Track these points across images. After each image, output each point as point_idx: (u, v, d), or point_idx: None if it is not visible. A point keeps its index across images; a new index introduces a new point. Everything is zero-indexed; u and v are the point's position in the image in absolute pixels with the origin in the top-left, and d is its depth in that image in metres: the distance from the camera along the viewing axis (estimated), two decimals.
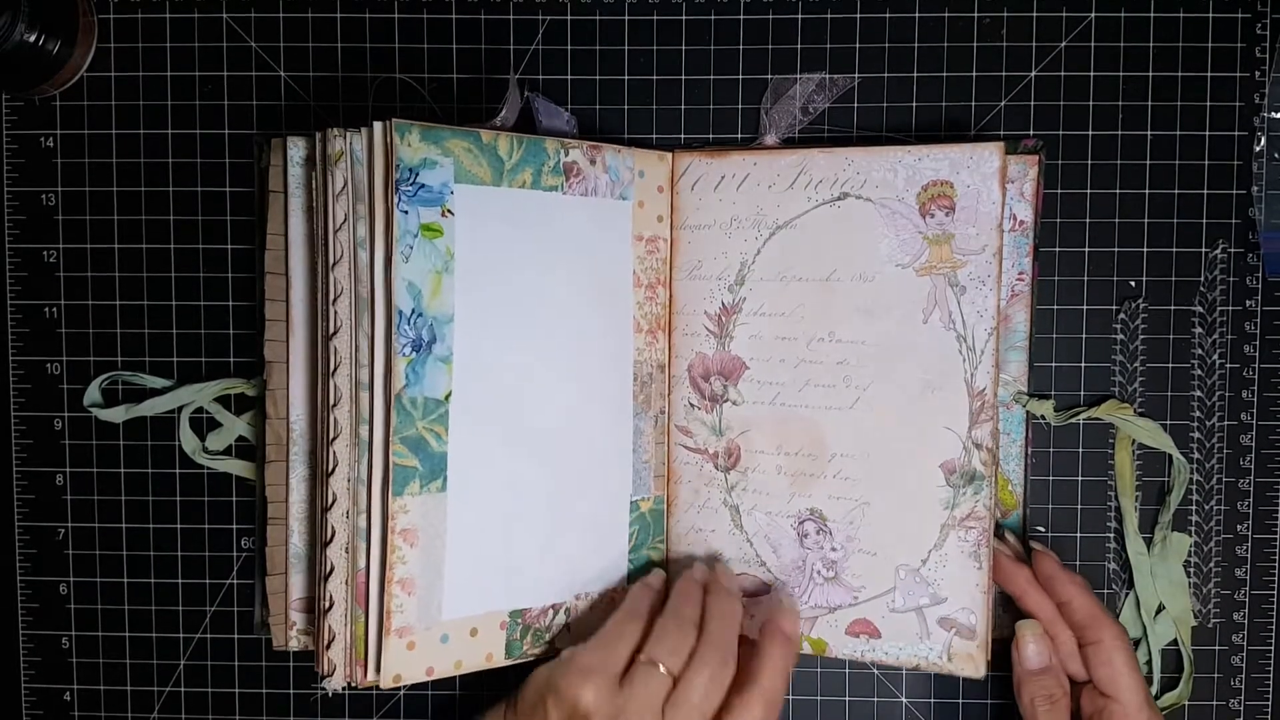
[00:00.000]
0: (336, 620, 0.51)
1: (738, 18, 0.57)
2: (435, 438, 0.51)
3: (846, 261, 0.54)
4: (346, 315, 0.50)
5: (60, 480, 0.59)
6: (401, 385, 0.50)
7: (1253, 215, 0.57)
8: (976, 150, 0.52)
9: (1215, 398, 0.57)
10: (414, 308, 0.50)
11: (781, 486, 0.56)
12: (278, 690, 0.59)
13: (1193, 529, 0.58)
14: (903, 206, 0.53)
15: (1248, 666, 0.58)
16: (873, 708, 0.59)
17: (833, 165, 0.55)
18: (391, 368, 0.50)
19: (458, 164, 0.51)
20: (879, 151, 0.54)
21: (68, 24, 0.55)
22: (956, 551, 0.53)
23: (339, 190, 0.50)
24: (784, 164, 0.55)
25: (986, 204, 0.52)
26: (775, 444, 0.56)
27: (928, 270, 0.53)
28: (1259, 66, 0.57)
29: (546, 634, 0.55)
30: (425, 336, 0.50)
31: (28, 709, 0.60)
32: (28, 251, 0.59)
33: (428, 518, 0.51)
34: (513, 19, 0.58)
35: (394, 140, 0.49)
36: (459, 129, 0.51)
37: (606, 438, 0.56)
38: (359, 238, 0.50)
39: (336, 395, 0.51)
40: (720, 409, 0.57)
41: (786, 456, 0.56)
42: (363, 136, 0.50)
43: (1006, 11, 0.57)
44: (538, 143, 0.53)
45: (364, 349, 0.50)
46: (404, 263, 0.50)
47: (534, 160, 0.53)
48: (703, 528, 0.57)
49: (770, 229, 0.56)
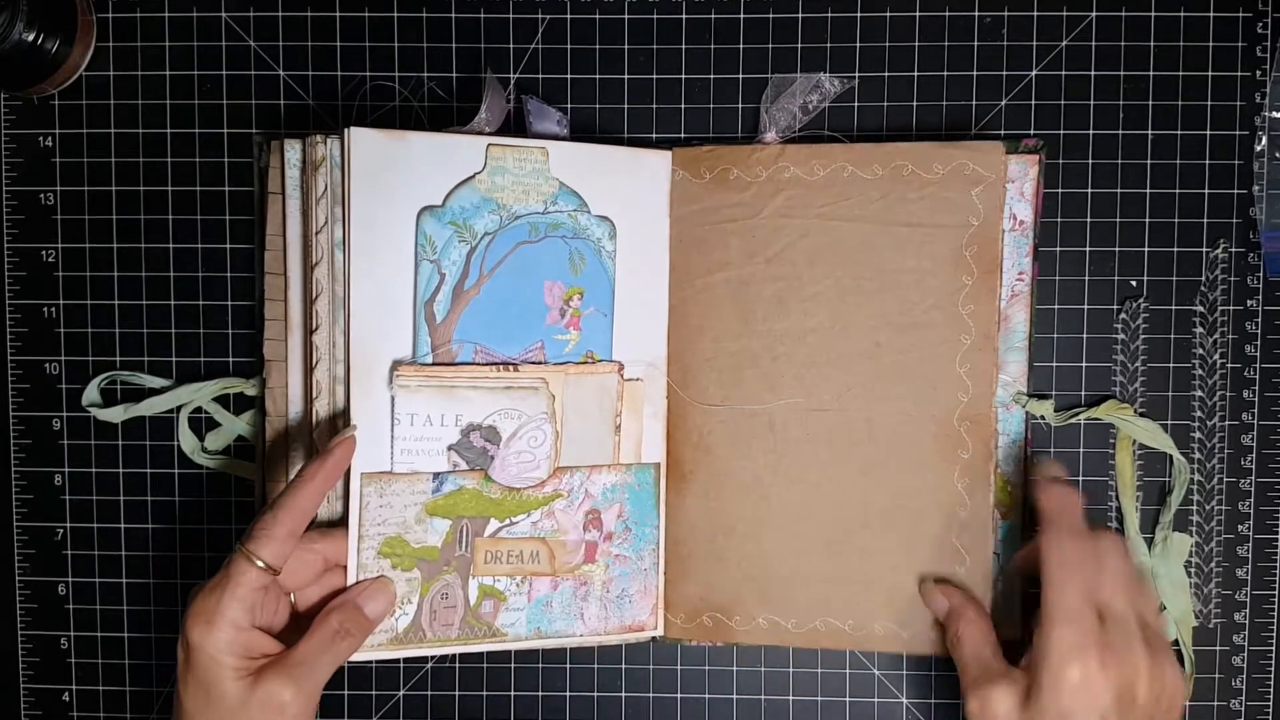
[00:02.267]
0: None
1: (738, 17, 0.57)
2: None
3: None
4: (326, 313, 0.52)
5: (59, 480, 0.59)
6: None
7: (1254, 215, 0.57)
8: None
9: (1216, 398, 0.57)
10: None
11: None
12: None
13: (1194, 529, 0.58)
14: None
15: (1249, 667, 0.58)
16: (873, 708, 0.59)
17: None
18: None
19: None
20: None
21: (66, 23, 0.55)
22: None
23: (320, 194, 0.51)
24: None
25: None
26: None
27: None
28: (1260, 66, 0.57)
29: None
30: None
31: (26, 709, 0.60)
32: (26, 251, 0.59)
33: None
34: (512, 18, 0.58)
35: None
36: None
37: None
38: (336, 240, 0.51)
39: (318, 389, 0.52)
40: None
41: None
42: (339, 142, 0.51)
43: (1007, 11, 0.57)
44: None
45: (340, 345, 0.52)
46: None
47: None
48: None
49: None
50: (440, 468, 0.52)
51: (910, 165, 0.55)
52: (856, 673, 0.59)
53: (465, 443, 0.51)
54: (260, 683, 0.46)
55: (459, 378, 0.50)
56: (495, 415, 0.51)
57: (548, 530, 0.55)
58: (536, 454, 0.52)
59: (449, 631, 0.53)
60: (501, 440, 0.52)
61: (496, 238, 0.53)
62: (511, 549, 0.54)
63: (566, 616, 0.56)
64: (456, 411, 0.51)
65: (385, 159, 0.50)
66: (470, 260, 0.52)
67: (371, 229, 0.51)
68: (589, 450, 0.54)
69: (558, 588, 0.55)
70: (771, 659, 0.59)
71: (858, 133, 0.57)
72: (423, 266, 0.52)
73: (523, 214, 0.53)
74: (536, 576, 0.55)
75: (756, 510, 0.57)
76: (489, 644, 0.54)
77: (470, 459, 0.52)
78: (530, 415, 0.52)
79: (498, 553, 0.54)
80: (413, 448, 0.51)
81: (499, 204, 0.53)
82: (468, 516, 0.53)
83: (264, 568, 0.47)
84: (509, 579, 0.54)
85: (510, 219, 0.53)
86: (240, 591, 0.47)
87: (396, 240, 0.51)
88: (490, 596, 0.54)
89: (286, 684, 0.47)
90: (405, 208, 0.51)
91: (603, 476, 0.55)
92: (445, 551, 0.53)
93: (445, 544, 0.53)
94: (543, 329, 0.54)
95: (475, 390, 0.51)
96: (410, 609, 0.52)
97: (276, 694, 0.46)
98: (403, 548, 0.52)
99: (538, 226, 0.53)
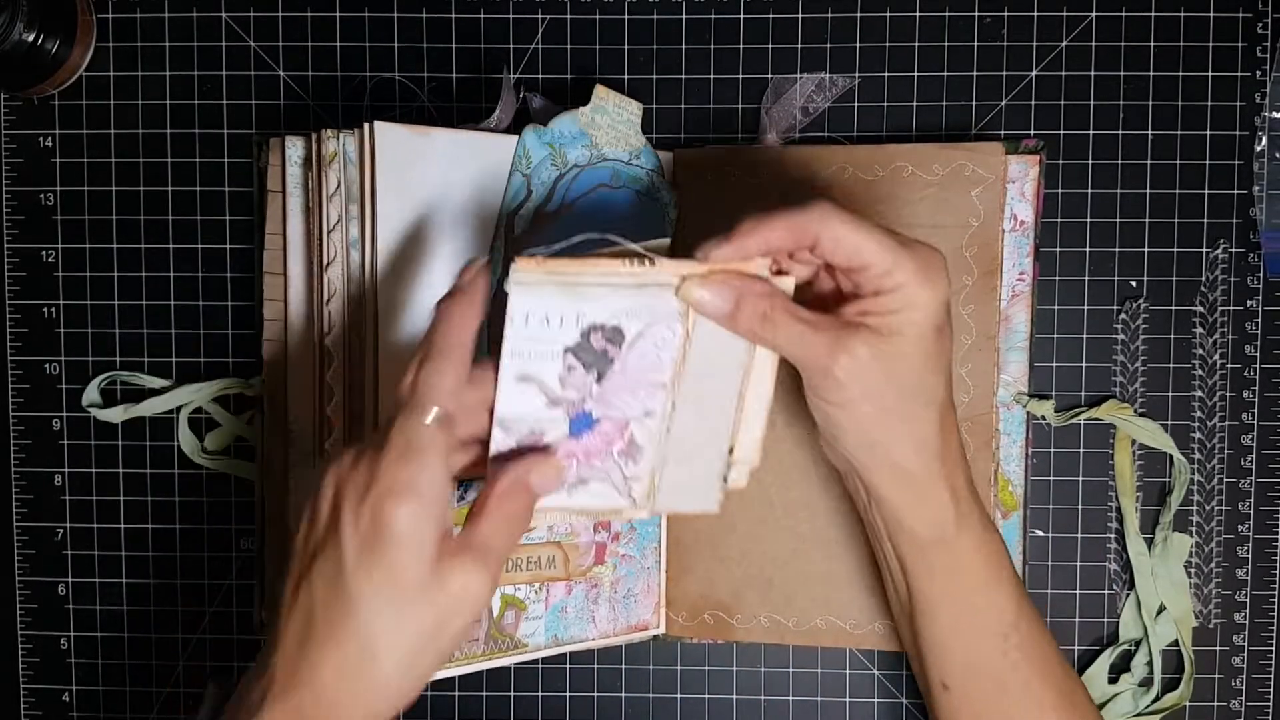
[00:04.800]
0: None
1: (738, 17, 0.57)
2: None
3: None
4: (340, 315, 0.51)
5: (59, 480, 0.59)
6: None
7: (1254, 215, 0.57)
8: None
9: (1216, 398, 0.57)
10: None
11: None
12: None
13: (1194, 529, 0.58)
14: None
15: (1249, 667, 0.58)
16: (873, 708, 0.59)
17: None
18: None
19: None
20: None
21: (66, 23, 0.55)
22: None
23: (332, 191, 0.50)
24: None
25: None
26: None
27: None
28: (1260, 66, 0.57)
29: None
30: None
31: (26, 709, 0.60)
32: (26, 251, 0.59)
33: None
34: (512, 18, 0.58)
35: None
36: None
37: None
38: (352, 239, 0.50)
39: (329, 393, 0.51)
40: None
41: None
42: (355, 137, 0.50)
43: (1007, 11, 0.57)
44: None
45: (356, 349, 0.51)
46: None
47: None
48: None
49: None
50: (555, 372, 0.45)
51: (910, 166, 0.55)
52: (856, 673, 0.59)
53: (584, 344, 0.45)
54: (449, 570, 0.40)
55: (587, 273, 0.43)
56: (622, 315, 0.44)
57: (562, 534, 0.55)
58: (662, 356, 0.46)
59: (475, 647, 0.53)
60: (625, 341, 0.45)
61: (584, 173, 0.53)
62: (530, 555, 0.54)
63: (580, 621, 0.56)
64: (578, 310, 0.44)
65: (409, 155, 0.50)
66: (557, 185, 0.52)
67: (397, 225, 0.50)
68: (715, 362, 0.46)
69: (571, 592, 0.55)
70: (771, 659, 0.59)
71: (858, 134, 0.57)
72: (514, 178, 0.52)
73: (610, 158, 0.53)
74: (553, 582, 0.55)
75: (757, 509, 0.57)
76: (513, 657, 0.54)
77: (589, 361, 0.45)
78: (661, 314, 0.44)
79: (517, 560, 0.54)
80: (524, 349, 0.44)
81: (592, 141, 0.53)
82: None
83: (442, 423, 0.41)
84: (528, 586, 0.54)
85: (598, 159, 0.53)
86: (434, 458, 0.40)
87: (422, 234, 0.50)
88: (512, 606, 0.54)
89: (479, 572, 0.41)
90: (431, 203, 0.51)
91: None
92: None
93: None
94: None
95: (603, 288, 0.43)
96: None
97: (468, 583, 0.41)
98: None
99: (619, 174, 0.54)
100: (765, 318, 0.43)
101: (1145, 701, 0.57)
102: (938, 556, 0.47)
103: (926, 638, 0.49)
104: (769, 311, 0.43)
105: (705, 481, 0.48)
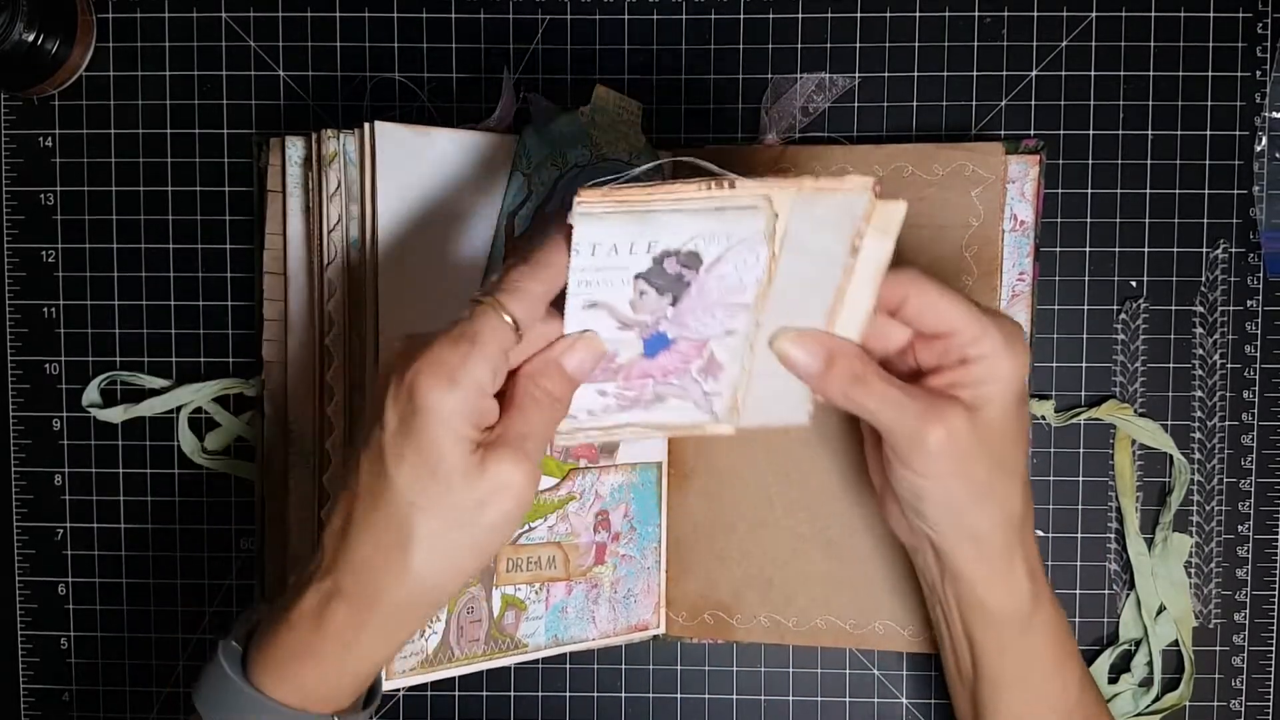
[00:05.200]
0: None
1: (738, 17, 0.57)
2: None
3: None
4: (340, 315, 0.51)
5: (59, 480, 0.59)
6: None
7: (1254, 215, 0.57)
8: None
9: (1216, 398, 0.57)
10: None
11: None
12: None
13: (1194, 529, 0.58)
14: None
15: (1249, 667, 0.58)
16: (873, 708, 0.59)
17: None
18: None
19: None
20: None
21: (66, 23, 0.55)
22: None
23: (332, 191, 0.50)
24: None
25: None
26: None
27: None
28: (1260, 66, 0.57)
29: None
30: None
31: (26, 709, 0.60)
32: (26, 251, 0.59)
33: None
34: (512, 18, 0.58)
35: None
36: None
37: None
38: (352, 239, 0.50)
39: (330, 394, 0.51)
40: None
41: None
42: (355, 137, 0.50)
43: (1007, 11, 0.57)
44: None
45: (356, 348, 0.50)
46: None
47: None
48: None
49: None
50: (625, 298, 0.43)
51: (910, 166, 0.55)
52: (856, 673, 0.59)
53: (658, 270, 0.42)
54: (489, 461, 0.40)
55: (657, 199, 0.40)
56: (698, 239, 0.42)
57: (562, 534, 0.55)
58: (745, 278, 0.42)
59: (475, 648, 0.53)
60: (703, 265, 0.42)
61: (584, 172, 0.53)
62: (530, 555, 0.54)
63: (580, 621, 0.56)
64: (650, 238, 0.42)
65: (410, 155, 0.50)
66: (557, 186, 0.52)
67: (398, 225, 0.50)
68: (809, 273, 0.43)
69: (571, 592, 0.55)
70: (771, 659, 0.59)
71: (858, 134, 0.57)
72: (515, 178, 0.52)
73: (610, 158, 0.53)
74: (553, 582, 0.55)
75: (757, 509, 0.57)
76: (514, 657, 0.54)
77: (663, 285, 0.43)
78: (743, 236, 0.41)
79: (518, 560, 0.54)
80: (592, 279, 0.42)
81: (592, 141, 0.53)
82: None
83: (513, 326, 0.40)
84: (529, 586, 0.54)
85: (598, 159, 0.53)
86: (489, 350, 0.39)
87: (423, 234, 0.50)
88: (512, 606, 0.54)
89: (518, 463, 0.40)
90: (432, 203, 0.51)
91: (610, 477, 0.56)
92: None
93: None
94: None
95: (677, 214, 0.41)
96: (439, 627, 0.52)
97: (508, 474, 0.40)
98: None
99: (620, 176, 0.53)
100: (858, 380, 0.43)
101: (1145, 701, 0.57)
102: (1011, 634, 0.47)
103: (990, 712, 0.49)
104: (862, 374, 0.43)
105: (795, 393, 0.46)
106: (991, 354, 0.43)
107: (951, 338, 0.43)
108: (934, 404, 0.43)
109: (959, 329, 0.43)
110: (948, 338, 0.43)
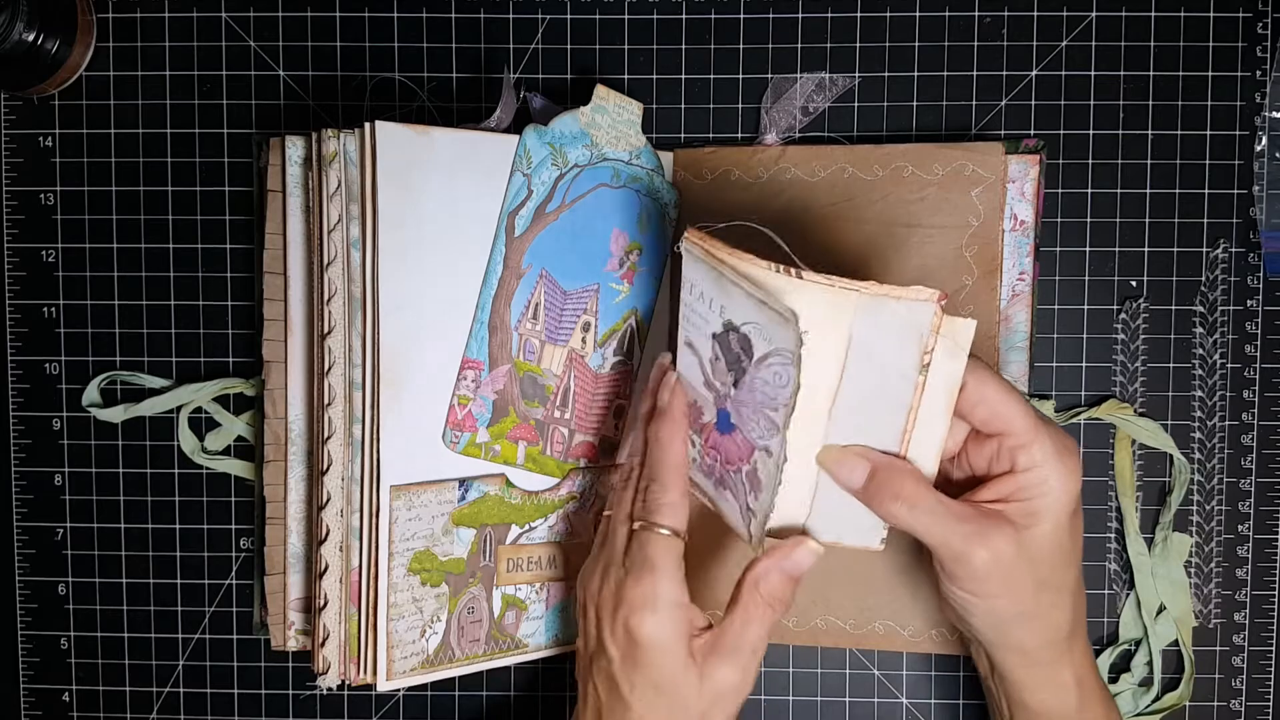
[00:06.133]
0: (330, 618, 0.51)
1: (738, 17, 0.57)
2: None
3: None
4: (340, 315, 0.50)
5: (59, 480, 0.59)
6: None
7: (1254, 215, 0.57)
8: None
9: (1216, 398, 0.57)
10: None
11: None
12: (276, 691, 0.59)
13: (1194, 529, 0.58)
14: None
15: (1249, 667, 0.58)
16: (873, 709, 0.59)
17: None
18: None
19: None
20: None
21: (66, 23, 0.55)
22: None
23: (333, 191, 0.50)
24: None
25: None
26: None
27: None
28: (1260, 66, 0.57)
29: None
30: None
31: (26, 709, 0.60)
32: (26, 251, 0.59)
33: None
34: (512, 18, 0.58)
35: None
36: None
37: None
38: (352, 238, 0.50)
39: (330, 395, 0.51)
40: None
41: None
42: (355, 137, 0.50)
43: (1007, 11, 0.57)
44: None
45: (357, 349, 0.50)
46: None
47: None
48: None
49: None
50: (706, 354, 0.43)
51: (910, 166, 0.55)
52: (856, 673, 0.59)
53: (725, 339, 0.42)
54: (709, 667, 0.44)
55: (727, 264, 0.39)
56: (751, 325, 0.41)
57: (562, 534, 0.55)
58: (779, 394, 0.41)
59: (476, 648, 0.53)
60: (754, 356, 0.41)
61: (584, 172, 0.53)
62: (531, 555, 0.54)
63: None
64: (722, 302, 0.41)
65: (410, 154, 0.50)
66: (557, 185, 0.53)
67: (399, 225, 0.50)
68: (877, 411, 0.42)
69: (571, 592, 0.55)
70: (771, 659, 0.59)
71: (858, 134, 0.57)
72: (515, 178, 0.52)
73: (610, 157, 0.54)
74: (553, 582, 0.55)
75: None
76: (514, 656, 0.54)
77: (728, 360, 0.42)
78: (780, 343, 0.40)
79: (519, 560, 0.54)
80: (689, 318, 0.44)
81: (593, 140, 0.53)
82: (491, 525, 0.53)
83: (674, 534, 0.45)
84: (529, 587, 0.54)
85: (599, 158, 0.53)
86: (669, 568, 0.44)
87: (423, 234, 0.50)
88: (513, 606, 0.54)
89: (734, 667, 0.44)
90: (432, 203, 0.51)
91: (610, 477, 0.56)
92: (471, 562, 0.53)
93: (470, 554, 0.53)
94: (601, 273, 0.54)
95: (737, 287, 0.40)
96: (439, 627, 0.52)
97: (726, 679, 0.44)
98: (431, 561, 0.52)
99: (619, 173, 0.54)
100: (899, 498, 0.43)
101: (1145, 701, 0.57)
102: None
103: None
104: (905, 492, 0.43)
105: (869, 515, 0.45)
106: (1042, 464, 0.43)
107: (1004, 439, 0.44)
108: (981, 525, 0.43)
109: (1012, 429, 0.43)
110: (1000, 438, 0.44)
